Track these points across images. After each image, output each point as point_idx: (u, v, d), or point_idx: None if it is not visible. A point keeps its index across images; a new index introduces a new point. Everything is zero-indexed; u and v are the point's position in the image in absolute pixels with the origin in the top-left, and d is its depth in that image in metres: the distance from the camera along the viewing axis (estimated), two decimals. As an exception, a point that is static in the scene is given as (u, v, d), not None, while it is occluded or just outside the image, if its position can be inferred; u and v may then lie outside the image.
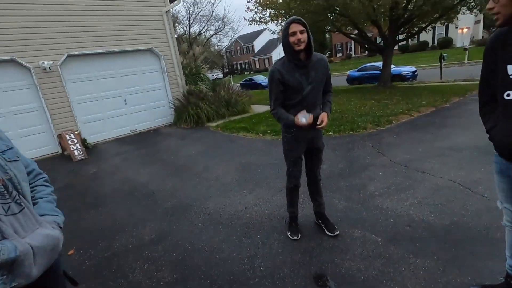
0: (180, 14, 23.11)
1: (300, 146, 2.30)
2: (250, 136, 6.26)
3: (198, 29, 25.59)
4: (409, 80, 14.42)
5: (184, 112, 8.00)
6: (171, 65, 8.52)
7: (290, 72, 2.04)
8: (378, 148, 4.50)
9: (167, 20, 8.28)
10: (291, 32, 1.93)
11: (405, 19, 9.95)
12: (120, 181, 4.54)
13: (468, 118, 5.73)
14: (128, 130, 8.07)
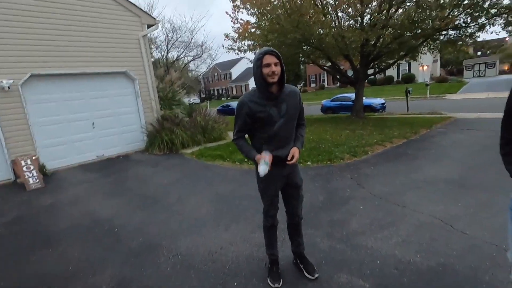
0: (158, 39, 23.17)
1: (275, 184, 2.15)
2: (226, 164, 6.03)
3: (176, 54, 25.71)
4: (379, 111, 15.21)
5: (157, 138, 7.64)
6: (146, 89, 8.26)
7: (260, 105, 1.92)
8: (357, 180, 4.46)
9: (143, 44, 8.14)
10: (265, 64, 1.84)
11: (374, 56, 10.62)
12: (80, 215, 4.05)
13: (437, 150, 5.96)
14: (95, 155, 7.52)
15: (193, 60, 26.65)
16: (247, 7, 10.80)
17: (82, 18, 7.03)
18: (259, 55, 1.86)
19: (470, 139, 6.76)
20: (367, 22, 9.70)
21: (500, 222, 2.86)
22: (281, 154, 2.00)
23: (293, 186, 2.21)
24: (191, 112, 8.78)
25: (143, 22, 8.16)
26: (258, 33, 10.75)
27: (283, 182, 2.16)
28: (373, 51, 10.32)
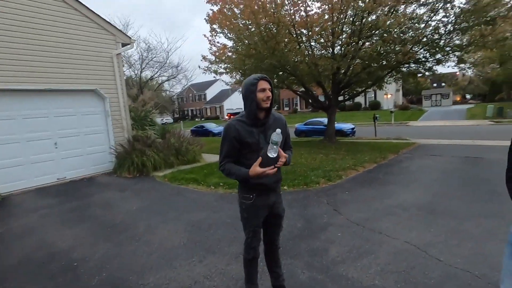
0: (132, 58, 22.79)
1: (260, 213, 2.08)
2: (201, 188, 5.81)
3: (150, 74, 25.35)
4: (349, 135, 15.87)
5: (127, 159, 7.25)
6: (117, 108, 7.93)
7: (248, 130, 1.91)
8: (333, 205, 4.47)
9: (117, 63, 7.92)
10: (261, 89, 1.86)
11: (345, 83, 11.21)
12: (33, 247, 3.60)
13: (406, 175, 6.23)
14: (55, 178, 6.93)
15: (168, 80, 26.39)
16: (224, 31, 11.05)
17: (51, 33, 6.72)
18: (254, 80, 1.87)
19: (434, 164, 7.18)
20: (338, 52, 10.30)
21: (470, 248, 2.96)
22: (266, 182, 1.96)
23: (276, 216, 2.17)
24: (164, 133, 8.51)
25: (117, 40, 7.99)
26: (235, 57, 10.95)
27: (267, 212, 2.11)
28: (344, 79, 10.91)
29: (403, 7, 9.23)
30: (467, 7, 8.29)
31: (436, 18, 9.19)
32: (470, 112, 26.54)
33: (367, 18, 9.35)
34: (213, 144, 13.07)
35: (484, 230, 3.36)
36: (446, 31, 9.24)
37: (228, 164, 1.97)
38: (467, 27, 8.73)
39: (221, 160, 1.99)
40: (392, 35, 9.09)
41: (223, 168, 1.98)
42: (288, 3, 9.82)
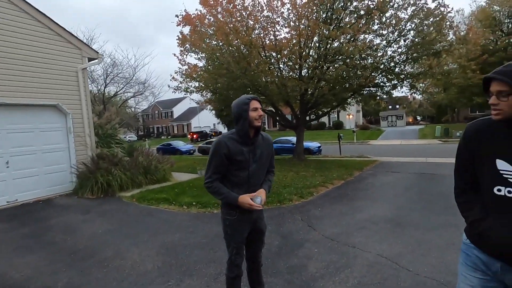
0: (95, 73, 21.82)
1: (244, 229, 2.10)
2: (173, 208, 5.60)
3: (114, 89, 24.37)
4: (316, 153, 16.48)
5: (90, 179, 6.79)
6: (81, 124, 7.49)
7: (238, 148, 1.97)
8: (307, 222, 4.57)
9: (82, 77, 7.57)
10: (253, 108, 1.94)
11: (312, 104, 11.79)
12: (-20, 280, 3.17)
13: (372, 191, 6.60)
14: (5, 201, 6.24)
15: (133, 97, 25.54)
16: (196, 51, 11.16)
17: (9, 44, 6.28)
18: (246, 99, 1.96)
19: (395, 180, 7.71)
20: (305, 75, 10.88)
21: (434, 257, 3.20)
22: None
23: (258, 231, 2.20)
24: (132, 151, 8.15)
25: (83, 55, 7.70)
26: (207, 76, 11.04)
27: (250, 228, 2.13)
28: (311, 100, 11.48)
29: (363, 36, 10.14)
30: (417, 40, 9.35)
31: (392, 48, 10.21)
32: (422, 132, 29.12)
33: (331, 44, 10.08)
34: (182, 163, 12.76)
35: (444, 240, 3.66)
36: (400, 60, 10.27)
37: (217, 183, 1.99)
38: (417, 57, 9.79)
39: (209, 176, 1.99)
40: (354, 61, 9.88)
41: (211, 185, 1.99)
42: (259, 27, 10.28)
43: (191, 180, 8.49)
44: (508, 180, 1.19)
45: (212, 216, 5.10)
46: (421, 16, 9.33)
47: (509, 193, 1.18)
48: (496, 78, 1.13)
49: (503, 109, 1.14)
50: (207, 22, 10.72)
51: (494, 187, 1.22)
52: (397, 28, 9.56)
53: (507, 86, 1.10)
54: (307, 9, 9.71)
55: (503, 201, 1.20)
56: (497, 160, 1.21)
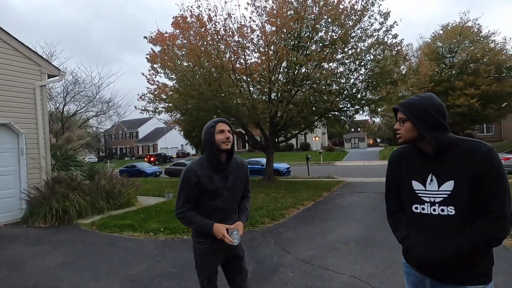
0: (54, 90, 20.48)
1: (216, 258, 1.98)
2: (138, 236, 5.23)
3: (75, 108, 22.94)
4: (285, 174, 16.71)
5: (44, 205, 6.15)
6: (35, 145, 6.89)
7: (208, 175, 1.86)
8: (281, 245, 4.52)
9: (40, 95, 7.07)
10: (219, 130, 1.85)
11: (281, 126, 12.09)
12: None
13: (341, 212, 6.78)
14: None
15: (96, 116, 24.17)
16: (166, 71, 11.07)
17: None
18: (212, 123, 1.88)
19: (361, 200, 8.02)
20: (275, 98, 11.22)
21: (402, 276, 3.30)
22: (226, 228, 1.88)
23: (234, 258, 2.04)
24: (93, 174, 7.61)
25: (43, 71, 7.25)
26: (177, 97, 10.93)
27: (224, 256, 2.00)
28: (281, 122, 11.79)
29: (327, 64, 10.82)
30: (376, 70, 10.20)
31: (354, 76, 11.01)
32: (382, 154, 31.03)
33: (299, 70, 10.60)
34: (148, 186, 12.16)
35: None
36: (361, 87, 11.07)
37: (189, 212, 1.87)
38: (376, 85, 10.64)
39: (180, 206, 1.87)
40: (320, 86, 10.44)
41: (183, 216, 1.87)
42: (230, 51, 10.54)
43: (158, 204, 8.07)
44: (421, 198, 1.33)
45: (181, 242, 4.84)
46: (379, 49, 10.26)
47: (423, 210, 1.33)
48: (397, 108, 1.37)
49: (402, 133, 1.35)
50: (179, 43, 10.78)
51: (412, 205, 1.37)
52: (358, 58, 10.37)
53: (403, 114, 1.32)
54: (275, 37, 10.21)
55: (419, 218, 1.35)
56: (413, 181, 1.37)
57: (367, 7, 10.02)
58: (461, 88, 21.68)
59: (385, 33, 10.20)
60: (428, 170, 1.32)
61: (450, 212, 1.25)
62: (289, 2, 10.13)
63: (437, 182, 1.29)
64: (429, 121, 1.27)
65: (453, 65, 24.32)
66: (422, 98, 1.32)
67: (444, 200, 1.27)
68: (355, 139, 49.81)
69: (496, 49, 22.25)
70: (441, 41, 24.67)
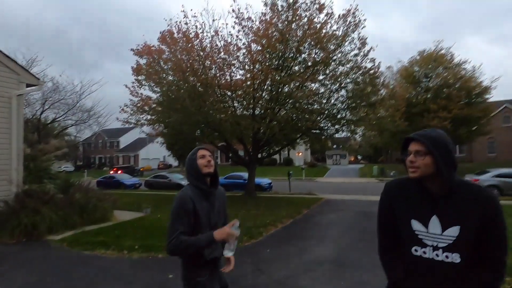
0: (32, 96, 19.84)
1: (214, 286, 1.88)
2: (111, 254, 5.07)
3: (53, 115, 22.24)
4: (267, 190, 16.76)
5: (12, 220, 5.85)
6: (7, 156, 6.62)
7: (200, 202, 1.83)
8: (256, 265, 4.53)
9: (16, 105, 6.87)
10: (200, 155, 1.87)
11: (264, 142, 12.26)
12: None
13: (319, 230, 6.88)
14: None
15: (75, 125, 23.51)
16: (151, 84, 11.06)
17: None
18: (194, 151, 1.92)
19: (339, 219, 8.18)
20: (258, 114, 11.42)
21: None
22: (217, 255, 1.88)
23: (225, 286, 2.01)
24: (67, 187, 7.35)
25: (21, 80, 7.09)
26: (160, 110, 10.90)
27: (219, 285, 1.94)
28: (263, 138, 11.96)
29: (309, 85, 11.21)
30: (355, 93, 10.68)
31: (334, 97, 11.45)
32: (362, 171, 31.83)
33: (282, 88, 10.91)
34: (126, 199, 11.83)
35: (381, 279, 3.93)
36: (342, 108, 11.51)
37: (183, 236, 1.71)
38: (355, 106, 11.10)
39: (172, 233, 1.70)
40: (302, 105, 10.76)
41: (177, 243, 1.67)
42: (215, 67, 10.73)
43: (135, 219, 7.87)
44: (422, 241, 1.23)
45: (155, 261, 4.74)
46: (359, 73, 10.79)
47: (424, 254, 1.23)
48: (416, 138, 1.23)
49: (420, 167, 1.20)
50: (165, 57, 10.86)
51: (412, 247, 1.26)
52: (338, 81, 10.83)
53: (425, 146, 1.19)
54: (261, 56, 10.52)
55: (419, 262, 1.24)
56: (412, 221, 1.26)
57: (348, 33, 10.59)
58: (435, 111, 22.96)
59: (362, 58, 10.77)
60: (432, 211, 1.23)
61: (456, 260, 1.18)
62: (274, 24, 10.52)
63: (441, 225, 1.20)
64: (449, 157, 1.18)
65: (429, 89, 25.78)
66: (440, 133, 1.24)
67: (448, 246, 1.19)
68: (337, 155, 50.91)
69: (466, 76, 23.88)
70: (417, 66, 26.19)
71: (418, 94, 26.05)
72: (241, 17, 10.91)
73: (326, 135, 12.92)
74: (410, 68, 26.60)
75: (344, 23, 10.56)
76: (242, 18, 10.93)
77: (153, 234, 6.22)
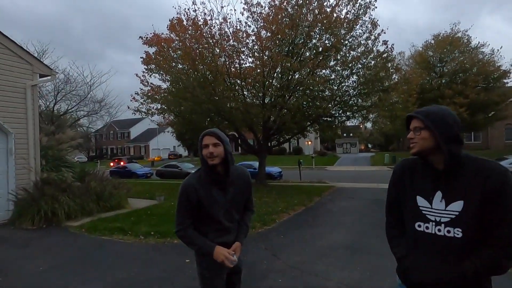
0: (45, 88, 20.21)
1: (223, 272, 1.88)
2: (128, 239, 5.20)
3: (65, 107, 22.64)
4: (277, 178, 16.77)
5: (32, 207, 6.05)
6: (25, 145, 6.79)
7: (206, 189, 1.76)
8: (271, 250, 4.56)
9: (31, 95, 6.99)
10: (204, 145, 1.74)
11: (274, 130, 12.18)
12: None
13: (331, 217, 6.87)
14: None
15: (87, 116, 23.91)
16: (160, 73, 11.06)
17: None
18: (201, 136, 1.79)
19: (351, 206, 8.13)
20: (268, 102, 11.31)
21: (389, 283, 3.39)
22: (226, 241, 1.84)
23: (236, 272, 2.00)
24: (83, 176, 7.52)
25: (34, 71, 7.17)
26: (171, 99, 10.91)
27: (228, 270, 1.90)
28: (274, 126, 11.88)
29: (320, 71, 10.97)
30: (368, 77, 10.39)
31: (346, 83, 11.19)
32: (373, 159, 31.45)
33: (293, 76, 10.72)
34: (139, 188, 12.06)
35: (395, 265, 3.90)
36: (354, 94, 11.26)
37: (190, 231, 1.76)
38: (368, 92, 10.84)
39: (180, 222, 1.76)
40: (313, 92, 10.58)
41: (183, 234, 1.76)
42: (224, 55, 10.60)
43: (149, 207, 8.02)
44: (426, 216, 1.27)
45: (172, 246, 4.84)
46: (370, 57, 10.48)
47: (427, 229, 1.26)
48: (414, 115, 1.29)
49: (417, 142, 1.26)
50: (174, 46, 10.79)
51: (415, 223, 1.30)
52: (349, 66, 10.55)
53: (421, 122, 1.24)
54: (270, 42, 10.32)
55: (422, 237, 1.28)
56: (417, 197, 1.30)
57: (359, 16, 10.24)
58: (450, 96, 22.26)
59: (374, 42, 10.43)
60: (436, 187, 1.25)
61: (457, 235, 1.19)
62: (284, 9, 10.25)
63: (445, 200, 1.22)
64: (448, 131, 1.20)
65: (443, 74, 24.96)
66: (440, 109, 1.27)
67: (451, 221, 1.20)
68: (347, 144, 50.35)
69: (484, 60, 22.94)
70: (432, 50, 25.30)
71: (432, 79, 25.28)
72: (250, 3, 10.69)
73: (337, 123, 12.73)
74: (424, 53, 25.74)
75: (354, 5, 10.20)
76: (251, 4, 10.70)
77: (168, 220, 6.32)
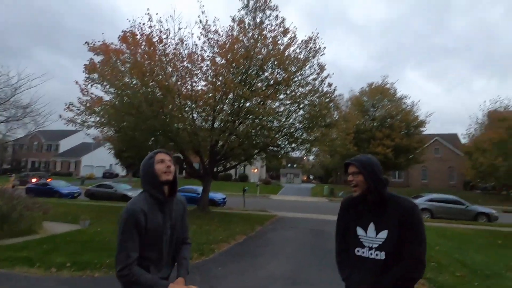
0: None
1: None
2: (35, 273, 4.33)
3: (-23, 109, 19.16)
4: (220, 205, 16.34)
5: None
6: None
7: (153, 213, 1.58)
8: (207, 283, 4.25)
9: None
10: (159, 160, 1.65)
11: (222, 156, 12.04)
12: None
13: (272, 247, 6.80)
14: None
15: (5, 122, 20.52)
16: (104, 84, 10.30)
17: None
18: (151, 154, 1.68)
19: (292, 236, 8.23)
20: (217, 127, 11.24)
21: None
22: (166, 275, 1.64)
23: None
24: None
25: None
26: (113, 112, 10.11)
27: None
28: (221, 151, 11.75)
29: (270, 103, 11.46)
30: (312, 113, 11.17)
31: (293, 116, 11.84)
32: (314, 190, 33.03)
33: (244, 103, 10.95)
34: (61, 209, 10.51)
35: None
36: (299, 127, 11.93)
37: (136, 268, 1.47)
38: (312, 127, 11.60)
39: (124, 259, 1.45)
40: (262, 121, 10.89)
41: (128, 273, 1.44)
42: (177, 75, 10.40)
43: (69, 232, 6.94)
44: (363, 243, 1.59)
45: (91, 281, 4.17)
46: (316, 96, 11.38)
47: (363, 254, 1.58)
48: (351, 162, 1.63)
49: (358, 184, 1.60)
50: (124, 58, 10.23)
51: (355, 248, 1.62)
52: (297, 101, 11.27)
53: (357, 168, 1.59)
54: (225, 69, 10.51)
55: (360, 260, 1.59)
56: (357, 227, 1.62)
57: (309, 58, 11.19)
58: (380, 138, 25.23)
59: (320, 83, 11.43)
60: (370, 219, 1.58)
61: (381, 257, 1.52)
62: (240, 40, 10.67)
63: (376, 230, 1.55)
64: (376, 176, 1.55)
65: (375, 118, 28.37)
66: (368, 158, 1.62)
67: (379, 246, 1.53)
68: (291, 174, 52.38)
69: (406, 109, 26.91)
70: (366, 96, 28.80)
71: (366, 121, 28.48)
72: (208, 29, 10.90)
73: (283, 153, 13.19)
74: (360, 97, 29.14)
75: (306, 48, 11.16)
76: (208, 30, 10.91)
77: (91, 248, 5.52)
